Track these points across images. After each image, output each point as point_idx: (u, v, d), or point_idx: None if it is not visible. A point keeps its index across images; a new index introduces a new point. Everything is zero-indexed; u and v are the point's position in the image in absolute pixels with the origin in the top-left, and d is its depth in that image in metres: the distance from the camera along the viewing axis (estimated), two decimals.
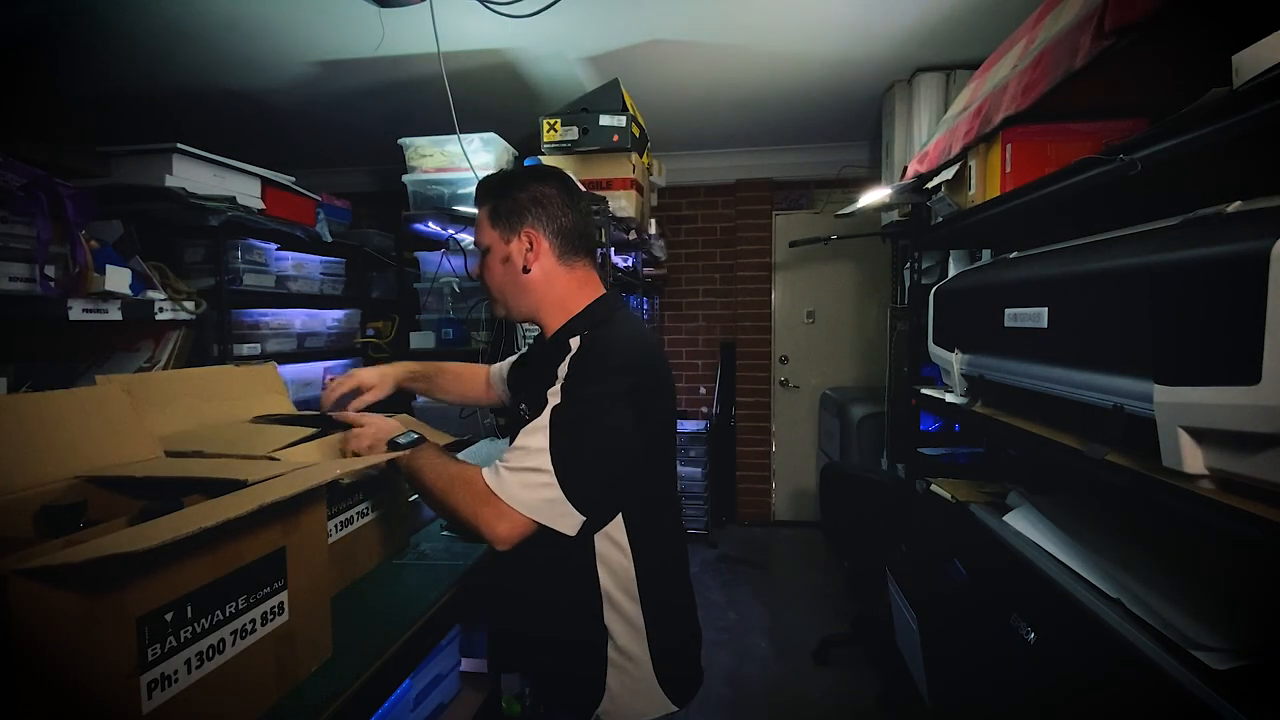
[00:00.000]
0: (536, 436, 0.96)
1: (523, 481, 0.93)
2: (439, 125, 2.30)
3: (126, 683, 0.64)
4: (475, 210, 1.18)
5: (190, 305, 1.87)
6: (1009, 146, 1.48)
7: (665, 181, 3.46)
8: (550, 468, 0.93)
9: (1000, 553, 1.44)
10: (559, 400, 0.97)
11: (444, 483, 0.99)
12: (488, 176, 1.18)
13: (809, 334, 4.28)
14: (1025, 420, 1.40)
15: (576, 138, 2.28)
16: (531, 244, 1.10)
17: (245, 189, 2.10)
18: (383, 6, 2.00)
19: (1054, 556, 1.26)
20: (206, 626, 0.73)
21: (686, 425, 4.00)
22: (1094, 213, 1.36)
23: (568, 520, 0.95)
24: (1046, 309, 1.22)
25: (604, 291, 1.16)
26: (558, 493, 0.93)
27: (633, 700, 1.04)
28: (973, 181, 1.67)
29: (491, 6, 1.99)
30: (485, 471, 0.97)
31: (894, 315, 2.83)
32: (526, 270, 1.10)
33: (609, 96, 2.31)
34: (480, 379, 1.50)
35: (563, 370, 1.00)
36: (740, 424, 4.32)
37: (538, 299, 1.13)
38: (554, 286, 1.12)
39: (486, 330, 2.64)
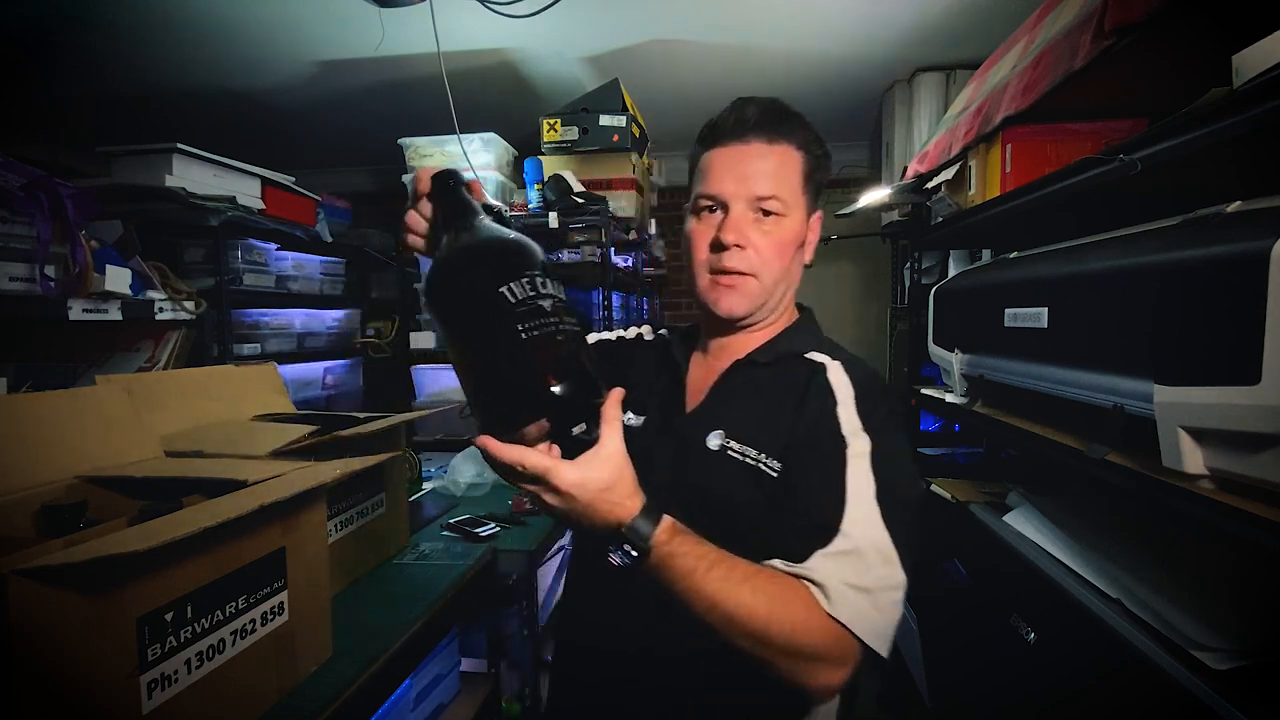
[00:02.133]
0: (863, 517, 0.68)
1: (877, 604, 0.66)
2: (439, 125, 2.29)
3: (126, 683, 0.64)
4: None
5: (190, 305, 1.87)
6: (1009, 146, 1.48)
7: (665, 181, 3.46)
8: (903, 577, 0.68)
9: (1000, 553, 1.44)
10: (871, 459, 0.71)
11: (752, 604, 0.64)
12: (788, 107, 0.83)
13: None
14: (1025, 420, 1.40)
15: (576, 138, 2.28)
16: (816, 234, 0.87)
17: (245, 189, 2.09)
18: (383, 6, 2.00)
19: (1054, 556, 1.26)
20: (206, 626, 0.73)
21: None
22: (1094, 213, 1.36)
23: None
24: (1046, 309, 1.22)
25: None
26: (902, 605, 0.69)
27: None
28: (973, 181, 1.67)
29: (491, 6, 1.99)
30: (820, 592, 0.66)
31: (894, 315, 2.83)
32: (809, 266, 0.88)
33: (609, 96, 2.31)
34: None
35: (848, 411, 0.75)
36: None
37: (783, 301, 0.87)
38: (795, 291, 0.89)
39: None
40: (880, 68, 2.66)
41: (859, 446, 0.72)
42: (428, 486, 1.92)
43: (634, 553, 0.63)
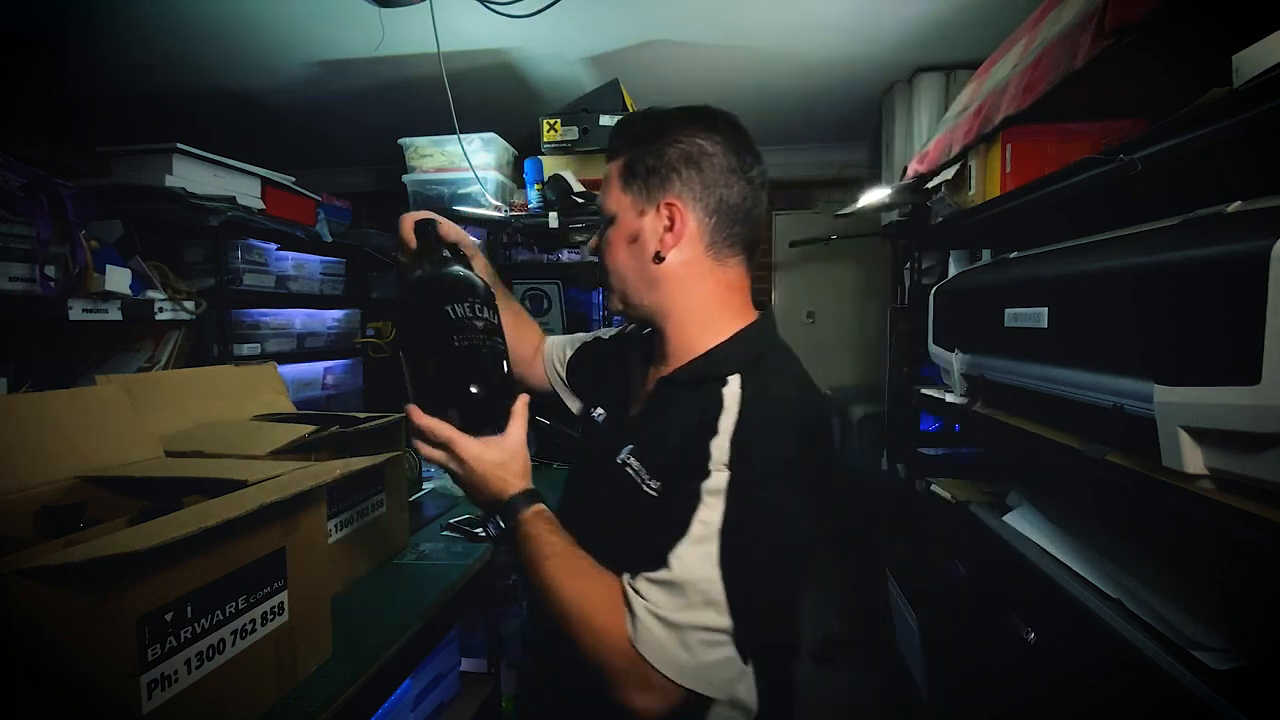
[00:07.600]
0: (696, 554, 0.66)
1: (684, 641, 0.64)
2: (439, 125, 2.29)
3: (126, 683, 0.64)
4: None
5: (190, 305, 1.87)
6: (1009, 146, 1.48)
7: None
8: (728, 622, 0.65)
9: (1000, 552, 1.44)
10: (726, 496, 0.67)
11: (569, 600, 0.68)
12: (631, 115, 0.87)
13: (809, 334, 4.27)
14: (1025, 420, 1.40)
15: (576, 138, 2.28)
16: (672, 222, 0.79)
17: (245, 189, 2.10)
18: (383, 6, 2.00)
19: (1054, 556, 1.26)
20: (206, 626, 0.73)
21: None
22: (1094, 213, 1.36)
23: (732, 683, 0.70)
24: (1046, 309, 1.22)
25: (756, 311, 0.87)
26: (732, 650, 0.66)
27: None
28: (973, 181, 1.67)
29: (491, 6, 1.98)
30: (629, 614, 0.66)
31: (894, 315, 2.82)
32: (660, 258, 0.79)
33: (609, 96, 2.31)
34: (532, 343, 1.15)
35: (722, 440, 0.70)
36: None
37: (669, 301, 0.82)
38: (696, 288, 0.81)
39: None
40: (880, 68, 2.66)
41: (717, 481, 0.68)
42: (428, 486, 1.92)
43: (502, 524, 0.74)
